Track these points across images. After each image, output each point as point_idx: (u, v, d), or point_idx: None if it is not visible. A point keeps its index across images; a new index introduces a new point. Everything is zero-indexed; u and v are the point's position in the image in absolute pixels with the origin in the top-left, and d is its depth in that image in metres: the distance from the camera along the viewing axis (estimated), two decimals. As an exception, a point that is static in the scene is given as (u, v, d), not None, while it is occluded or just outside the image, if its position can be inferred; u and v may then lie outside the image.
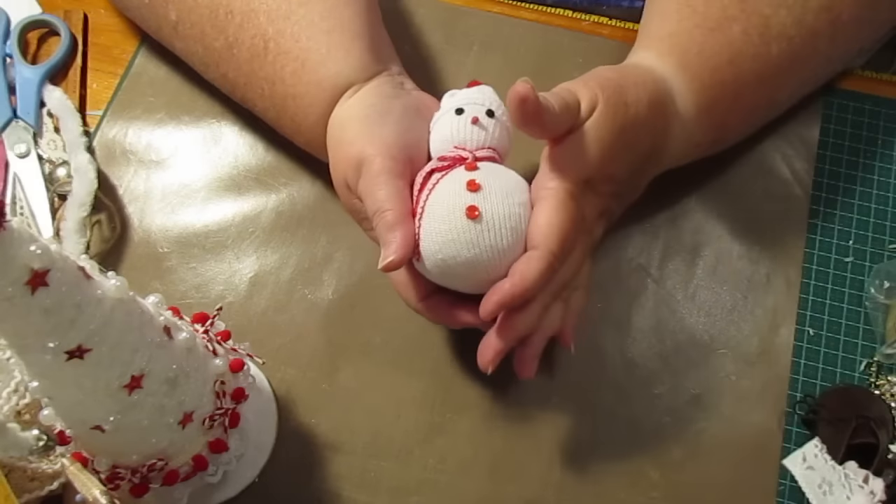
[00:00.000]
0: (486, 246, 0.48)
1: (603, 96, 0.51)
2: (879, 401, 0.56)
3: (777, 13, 0.56)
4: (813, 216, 0.62)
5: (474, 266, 0.49)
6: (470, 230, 0.48)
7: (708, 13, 0.56)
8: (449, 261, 0.49)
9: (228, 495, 0.54)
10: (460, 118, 0.52)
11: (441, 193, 0.49)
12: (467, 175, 0.49)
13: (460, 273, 0.49)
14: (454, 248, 0.48)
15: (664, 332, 0.59)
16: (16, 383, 0.50)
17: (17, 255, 0.35)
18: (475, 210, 0.48)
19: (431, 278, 0.51)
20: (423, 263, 0.50)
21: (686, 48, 0.56)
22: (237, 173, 0.64)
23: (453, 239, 0.48)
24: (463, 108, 0.52)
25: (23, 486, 0.49)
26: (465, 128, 0.52)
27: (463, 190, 0.48)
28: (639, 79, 0.54)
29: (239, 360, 0.51)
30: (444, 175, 0.50)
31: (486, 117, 0.52)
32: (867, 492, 0.52)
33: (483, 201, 0.48)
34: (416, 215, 0.50)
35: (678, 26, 0.56)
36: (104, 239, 0.61)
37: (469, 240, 0.48)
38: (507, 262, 0.49)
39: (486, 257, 0.48)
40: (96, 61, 0.69)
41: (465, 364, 0.58)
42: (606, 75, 0.53)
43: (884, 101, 0.66)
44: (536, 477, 0.55)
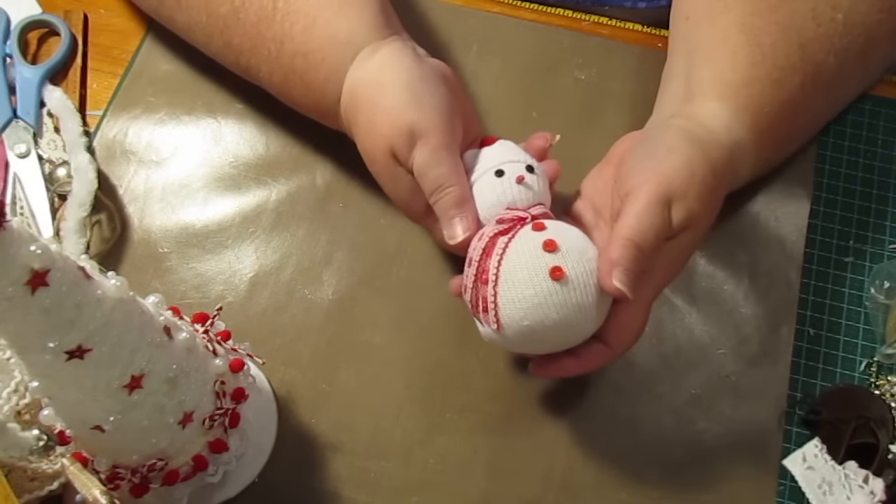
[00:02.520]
0: (574, 306, 0.47)
1: (700, 210, 0.50)
2: (879, 401, 0.56)
3: (826, 60, 0.55)
4: (813, 216, 0.62)
5: (561, 328, 0.48)
6: (557, 292, 0.47)
7: (776, 58, 0.54)
8: (536, 326, 0.47)
9: (228, 495, 0.54)
10: (503, 180, 0.51)
11: (517, 257, 0.48)
12: (539, 235, 0.48)
13: (545, 337, 0.49)
14: (542, 313, 0.47)
15: (664, 332, 0.59)
16: (16, 383, 0.50)
17: (17, 255, 0.35)
18: (560, 271, 0.47)
19: (506, 345, 0.51)
20: (501, 332, 0.49)
21: (759, 104, 0.54)
22: (237, 173, 0.64)
23: (540, 303, 0.47)
24: (502, 169, 0.51)
25: (23, 486, 0.49)
26: (512, 188, 0.51)
27: (540, 251, 0.47)
28: (724, 166, 0.52)
29: (239, 360, 0.51)
30: (511, 238, 0.49)
31: (528, 174, 0.51)
32: (867, 492, 0.52)
33: (563, 261, 0.47)
34: (488, 283, 0.48)
35: (751, 73, 0.54)
36: (104, 239, 0.61)
37: (556, 302, 0.47)
38: (594, 317, 0.48)
39: (573, 318, 0.47)
40: (96, 61, 0.69)
41: (465, 364, 0.58)
42: (703, 178, 0.50)
43: (884, 101, 0.66)
44: (536, 477, 0.55)
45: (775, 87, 0.54)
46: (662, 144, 0.52)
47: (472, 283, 0.50)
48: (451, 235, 0.51)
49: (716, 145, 0.52)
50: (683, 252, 0.51)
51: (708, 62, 0.56)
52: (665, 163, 0.50)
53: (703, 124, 0.53)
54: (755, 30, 0.55)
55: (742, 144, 0.54)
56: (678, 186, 0.49)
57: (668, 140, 0.52)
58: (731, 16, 0.55)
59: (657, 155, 0.51)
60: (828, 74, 0.56)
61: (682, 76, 0.57)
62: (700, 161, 0.50)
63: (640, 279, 0.48)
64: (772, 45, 0.54)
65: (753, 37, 0.54)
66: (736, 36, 0.55)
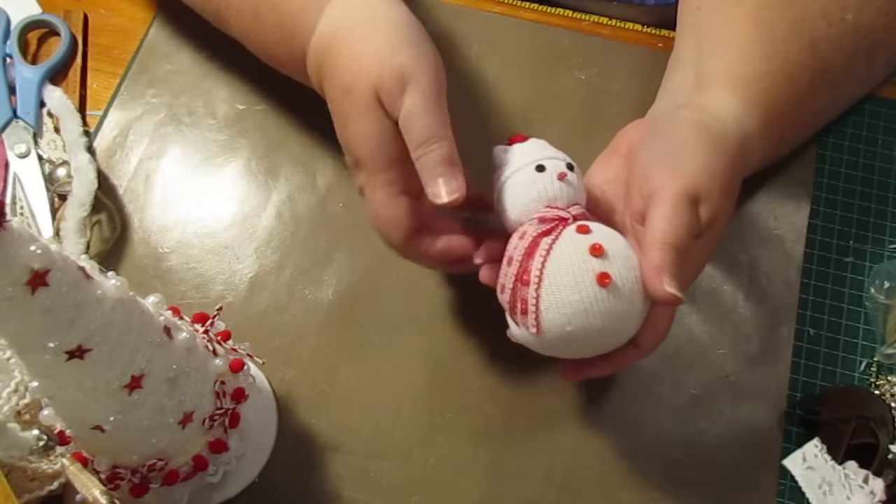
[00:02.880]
0: (619, 314, 0.46)
1: (724, 207, 0.49)
2: (879, 401, 0.56)
3: (835, 59, 0.55)
4: (813, 216, 0.62)
5: (603, 335, 0.47)
6: (603, 299, 0.45)
7: (788, 53, 0.54)
8: (578, 332, 0.46)
9: (228, 495, 0.54)
10: (545, 175, 0.49)
11: (562, 260, 0.46)
12: (585, 238, 0.47)
13: (585, 343, 0.48)
14: (586, 319, 0.46)
15: (664, 332, 0.59)
16: (16, 383, 0.50)
17: (17, 255, 0.35)
18: (607, 277, 0.45)
19: (540, 348, 0.49)
20: (540, 336, 0.47)
21: (771, 99, 0.54)
22: (238, 173, 0.64)
23: (586, 309, 0.45)
24: (543, 164, 0.49)
25: (23, 486, 0.49)
26: (554, 185, 0.49)
27: (587, 255, 0.46)
28: (741, 158, 0.52)
29: (239, 360, 0.51)
30: (556, 239, 0.47)
31: (570, 171, 0.49)
32: (867, 492, 0.52)
33: (611, 267, 0.46)
34: (530, 284, 0.47)
35: (763, 67, 0.54)
36: (104, 239, 0.61)
37: (602, 309, 0.45)
38: (635, 325, 0.48)
39: (616, 326, 0.46)
40: (96, 61, 0.69)
41: (465, 364, 0.58)
42: (724, 174, 0.49)
43: (884, 102, 0.66)
44: (536, 477, 0.55)
45: (787, 83, 0.54)
46: (679, 140, 0.50)
47: (511, 284, 0.48)
48: (434, 194, 0.48)
49: (730, 138, 0.51)
50: (709, 247, 0.51)
51: (720, 53, 0.55)
52: (687, 162, 0.49)
53: (716, 116, 0.52)
54: (768, 24, 0.54)
55: (752, 138, 0.53)
56: (703, 186, 0.48)
57: (683, 135, 0.51)
58: (743, 8, 0.55)
59: (675, 153, 0.50)
60: (835, 74, 0.56)
61: (692, 65, 0.57)
62: (719, 157, 0.50)
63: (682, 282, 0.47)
64: (784, 41, 0.54)
65: (767, 31, 0.54)
66: (749, 28, 0.54)
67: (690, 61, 0.57)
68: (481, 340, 0.58)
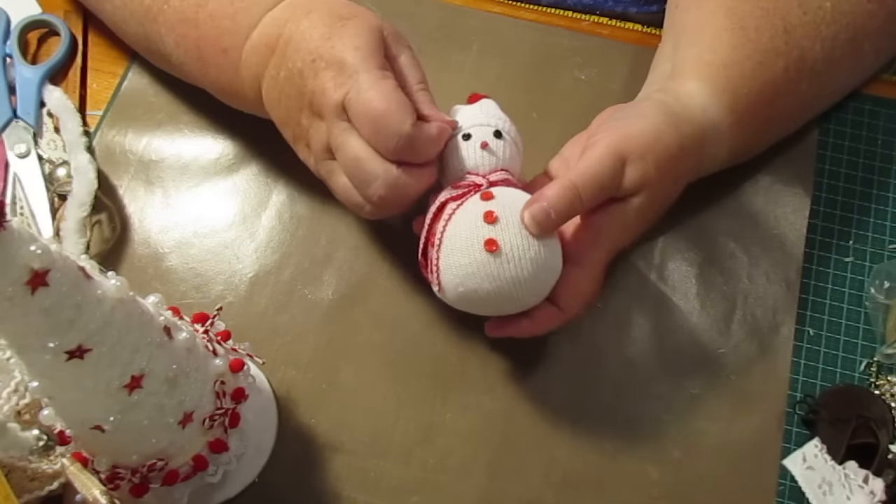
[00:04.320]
0: (508, 278, 0.48)
1: (656, 176, 0.51)
2: (879, 401, 0.56)
3: (813, 47, 0.56)
4: (813, 216, 0.62)
5: (497, 297, 0.49)
6: (490, 264, 0.48)
7: (759, 41, 0.55)
8: (470, 294, 0.49)
9: (228, 495, 0.54)
10: (468, 144, 0.51)
11: (458, 226, 0.49)
12: (483, 205, 0.49)
13: (483, 303, 0.50)
14: (475, 282, 0.48)
15: (664, 332, 0.59)
16: (16, 383, 0.50)
17: (17, 255, 0.35)
18: (494, 244, 0.47)
19: (453, 305, 0.52)
20: (442, 294, 0.51)
21: (738, 86, 0.55)
22: (237, 173, 0.64)
23: (473, 272, 0.48)
24: (469, 133, 0.51)
25: (23, 486, 0.49)
26: (475, 154, 0.51)
27: (480, 222, 0.48)
28: (693, 142, 0.53)
29: (239, 360, 0.51)
30: (460, 205, 0.50)
31: (495, 139, 0.51)
32: (867, 492, 0.52)
33: (501, 233, 0.48)
34: (434, 246, 0.49)
35: (733, 55, 0.55)
36: (104, 239, 0.61)
37: (489, 273, 0.48)
38: (530, 290, 0.49)
39: (507, 289, 0.48)
40: (96, 61, 0.69)
41: (465, 364, 0.58)
42: (666, 145, 0.51)
43: (884, 102, 0.66)
44: (536, 477, 0.55)
45: (757, 70, 0.55)
46: (635, 110, 0.54)
47: (423, 245, 0.51)
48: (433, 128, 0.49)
49: (689, 121, 0.53)
50: (634, 218, 0.52)
51: (691, 44, 0.57)
52: (632, 124, 0.52)
53: (681, 100, 0.54)
54: (740, 13, 0.56)
55: (718, 125, 0.55)
56: (637, 147, 0.50)
57: (642, 108, 0.54)
58: (717, 0, 0.57)
59: (627, 118, 0.53)
60: (814, 62, 0.56)
61: (669, 58, 0.58)
62: (668, 130, 0.52)
63: (563, 219, 0.49)
64: (756, 29, 0.55)
65: (737, 20, 0.55)
66: (721, 19, 0.56)
67: (669, 55, 0.59)
68: (481, 340, 0.58)
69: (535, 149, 0.57)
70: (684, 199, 0.62)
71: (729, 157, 0.57)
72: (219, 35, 0.55)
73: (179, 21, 0.57)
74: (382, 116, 0.47)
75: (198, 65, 0.58)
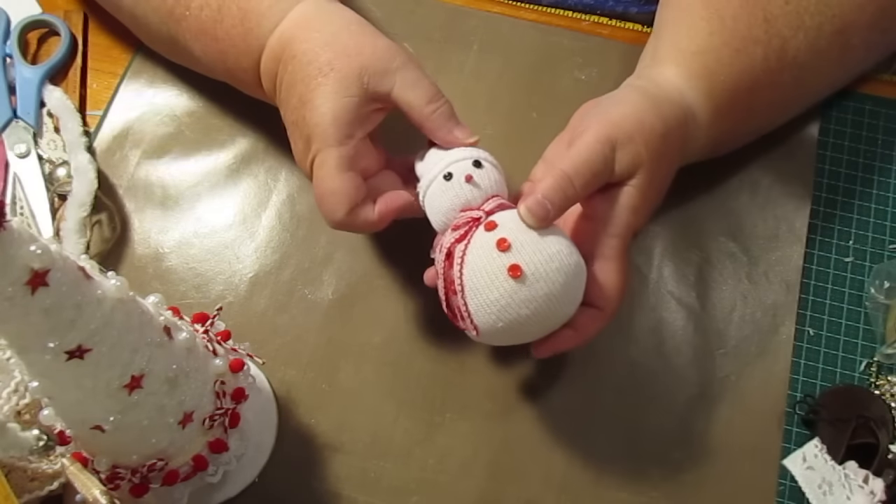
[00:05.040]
0: (542, 297, 0.47)
1: (648, 155, 0.51)
2: (879, 401, 0.56)
3: (795, 37, 0.56)
4: (813, 216, 0.62)
5: (537, 319, 0.48)
6: (520, 290, 0.47)
7: (736, 29, 0.55)
8: (510, 325, 0.48)
9: (228, 495, 0.54)
10: (452, 183, 0.51)
11: (475, 265, 0.48)
12: (491, 236, 0.48)
13: (525, 331, 0.49)
14: (512, 312, 0.47)
15: (664, 332, 0.59)
16: (16, 383, 0.50)
17: (17, 255, 0.35)
18: (517, 269, 0.47)
19: (494, 343, 0.52)
20: (481, 336, 0.49)
21: (714, 72, 0.55)
22: (237, 173, 0.64)
23: (507, 304, 0.47)
24: (450, 171, 0.51)
25: (23, 486, 0.49)
26: (463, 190, 0.50)
27: (495, 253, 0.47)
28: (677, 121, 0.53)
29: (239, 360, 0.51)
30: (468, 244, 0.49)
31: (476, 169, 0.51)
32: (867, 492, 0.52)
33: (519, 256, 0.47)
34: (457, 293, 0.48)
35: (709, 42, 0.56)
36: (104, 239, 0.61)
37: (523, 299, 0.47)
38: (565, 299, 0.49)
39: (544, 307, 0.48)
40: (96, 61, 0.69)
41: (465, 364, 0.58)
42: (651, 126, 0.52)
43: (884, 102, 0.66)
44: (536, 477, 0.55)
45: (734, 57, 0.55)
46: (614, 98, 0.54)
47: (444, 296, 0.50)
48: (458, 138, 0.52)
49: (667, 101, 0.54)
50: (638, 199, 0.52)
51: (670, 34, 0.58)
52: (614, 111, 0.52)
53: (658, 84, 0.55)
54: (718, 4, 0.56)
55: (695, 110, 0.55)
56: (625, 131, 0.51)
57: (620, 95, 0.55)
58: None
59: (608, 106, 0.53)
60: (796, 51, 0.56)
61: (650, 52, 0.59)
62: (649, 111, 0.52)
63: (560, 209, 0.49)
64: (733, 18, 0.56)
65: (715, 10, 0.56)
66: (699, 9, 0.57)
67: (650, 50, 0.59)
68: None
69: (536, 149, 0.57)
70: (683, 199, 0.62)
71: (709, 144, 0.57)
72: (237, 54, 0.57)
73: (201, 32, 0.58)
74: (319, 201, 0.52)
75: (225, 74, 0.60)
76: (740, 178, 0.63)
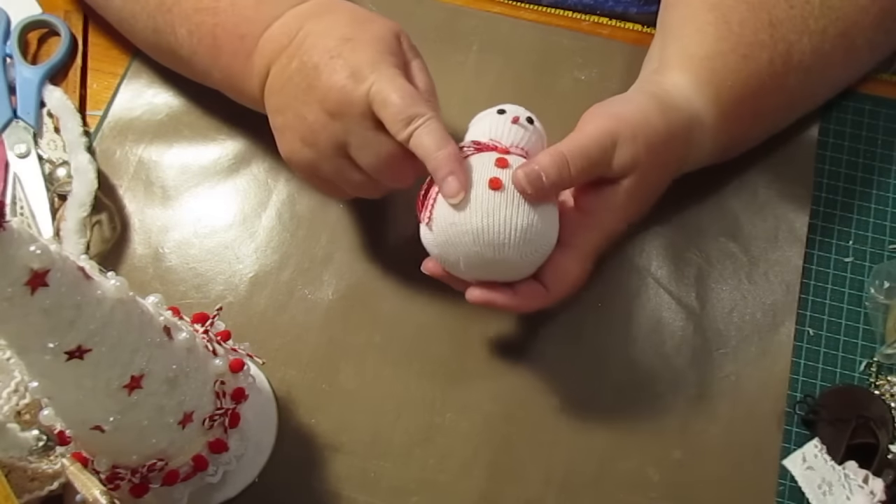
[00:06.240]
0: (500, 219, 0.48)
1: (646, 159, 0.51)
2: (879, 401, 0.56)
3: (800, 40, 0.56)
4: (813, 216, 0.62)
5: (484, 239, 0.48)
6: (490, 199, 0.48)
7: (743, 34, 0.56)
8: (457, 231, 0.48)
9: (228, 495, 0.54)
10: (501, 117, 0.53)
11: (468, 166, 0.49)
12: (498, 156, 0.50)
13: (466, 247, 0.49)
14: (467, 216, 0.48)
15: (664, 332, 0.59)
16: (16, 383, 0.50)
17: (17, 255, 0.35)
18: (499, 182, 0.48)
19: (435, 245, 0.51)
20: (431, 229, 0.50)
21: (722, 77, 0.55)
22: (237, 173, 0.64)
23: (469, 207, 0.48)
24: (504, 109, 0.53)
25: (23, 486, 0.49)
26: (505, 125, 0.52)
27: (491, 165, 0.49)
28: (681, 129, 0.54)
29: (239, 360, 0.51)
30: (475, 154, 0.50)
31: (526, 122, 0.53)
32: (867, 492, 0.52)
33: (508, 178, 0.48)
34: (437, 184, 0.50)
35: (716, 47, 0.56)
36: (104, 239, 0.61)
37: (486, 207, 0.48)
38: (518, 246, 0.49)
39: (496, 231, 0.48)
40: (96, 61, 0.69)
41: (465, 364, 0.58)
42: (655, 129, 0.52)
43: (884, 102, 0.66)
44: (536, 477, 0.55)
45: (741, 62, 0.55)
46: (622, 98, 0.55)
47: (426, 183, 0.51)
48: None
49: (674, 108, 0.54)
50: (625, 201, 0.52)
51: (676, 38, 0.58)
52: (622, 108, 0.53)
53: (666, 90, 0.55)
54: (724, 8, 0.56)
55: (703, 117, 0.55)
56: (629, 129, 0.51)
57: (628, 96, 0.55)
58: None
59: (616, 104, 0.54)
60: (802, 55, 0.56)
61: (657, 55, 0.59)
62: (656, 115, 0.53)
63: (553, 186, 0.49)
64: (740, 23, 0.56)
65: (721, 14, 0.56)
66: (705, 14, 0.57)
67: (657, 53, 0.59)
68: (482, 340, 0.58)
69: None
70: (683, 199, 0.62)
71: (716, 149, 0.58)
72: (238, 22, 0.56)
73: (196, 10, 0.58)
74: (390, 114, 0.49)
75: (210, 52, 0.58)
76: (740, 179, 0.63)
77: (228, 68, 0.58)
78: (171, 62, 0.63)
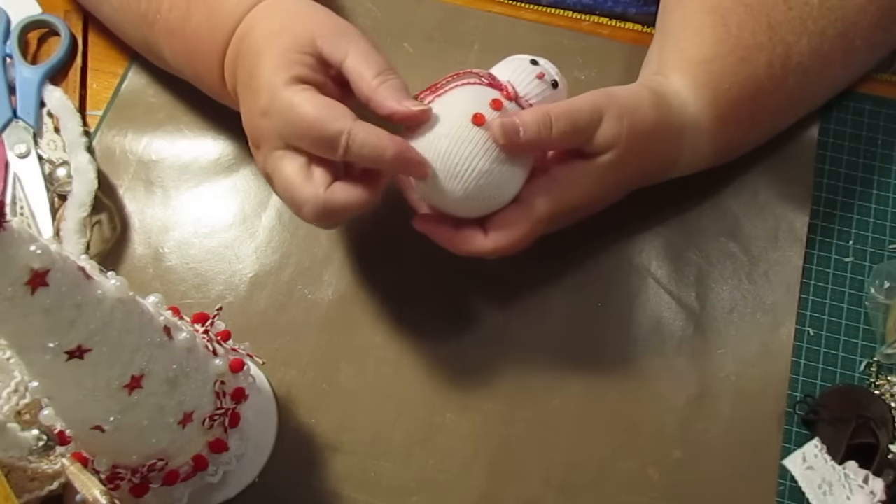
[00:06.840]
0: (465, 152, 0.48)
1: (627, 141, 0.51)
2: (879, 401, 0.56)
3: (799, 42, 0.56)
4: (813, 216, 0.62)
5: (444, 161, 0.48)
6: (465, 129, 0.48)
7: (741, 37, 0.56)
8: (429, 141, 0.49)
9: (228, 495, 0.54)
10: (529, 67, 0.53)
11: (462, 93, 0.50)
12: (494, 95, 0.50)
13: (428, 156, 0.49)
14: (439, 134, 0.48)
15: (664, 332, 0.59)
16: (16, 383, 0.50)
17: (17, 255, 0.35)
18: (482, 119, 0.48)
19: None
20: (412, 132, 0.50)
21: (719, 80, 0.56)
22: (238, 173, 0.64)
23: (446, 128, 0.48)
24: (538, 61, 0.53)
25: (23, 486, 0.49)
26: (528, 75, 0.52)
27: (484, 104, 0.49)
28: (669, 128, 0.54)
29: (239, 360, 0.51)
30: (477, 84, 0.50)
31: (551, 85, 0.53)
32: (867, 492, 0.52)
33: (494, 119, 0.48)
34: (428, 93, 0.50)
35: (714, 51, 0.56)
36: (104, 239, 0.61)
37: (458, 136, 0.48)
38: (473, 179, 0.49)
39: (458, 156, 0.48)
40: (96, 61, 0.69)
41: (465, 364, 0.58)
42: (643, 117, 0.53)
43: (884, 102, 0.66)
44: (536, 477, 0.55)
45: (738, 65, 0.55)
46: (620, 86, 0.55)
47: (420, 91, 0.51)
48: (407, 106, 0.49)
49: (668, 107, 0.54)
50: (595, 179, 0.52)
51: (675, 41, 0.58)
52: (615, 90, 0.53)
53: (664, 91, 0.55)
54: (722, 10, 0.56)
55: (699, 121, 0.55)
56: (617, 106, 0.51)
57: (626, 86, 0.55)
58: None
59: (611, 88, 0.54)
60: (800, 56, 0.56)
61: (656, 59, 0.59)
62: (647, 103, 0.53)
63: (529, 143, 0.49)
64: (738, 25, 0.56)
65: (720, 17, 0.56)
66: (703, 17, 0.57)
67: (655, 55, 0.60)
68: (482, 340, 0.58)
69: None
70: (683, 199, 0.62)
71: (714, 152, 0.58)
72: (203, 53, 0.56)
73: (169, 31, 0.58)
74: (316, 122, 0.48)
75: (191, 70, 0.59)
76: (740, 179, 0.63)
77: (211, 91, 0.59)
78: (166, 68, 0.64)
